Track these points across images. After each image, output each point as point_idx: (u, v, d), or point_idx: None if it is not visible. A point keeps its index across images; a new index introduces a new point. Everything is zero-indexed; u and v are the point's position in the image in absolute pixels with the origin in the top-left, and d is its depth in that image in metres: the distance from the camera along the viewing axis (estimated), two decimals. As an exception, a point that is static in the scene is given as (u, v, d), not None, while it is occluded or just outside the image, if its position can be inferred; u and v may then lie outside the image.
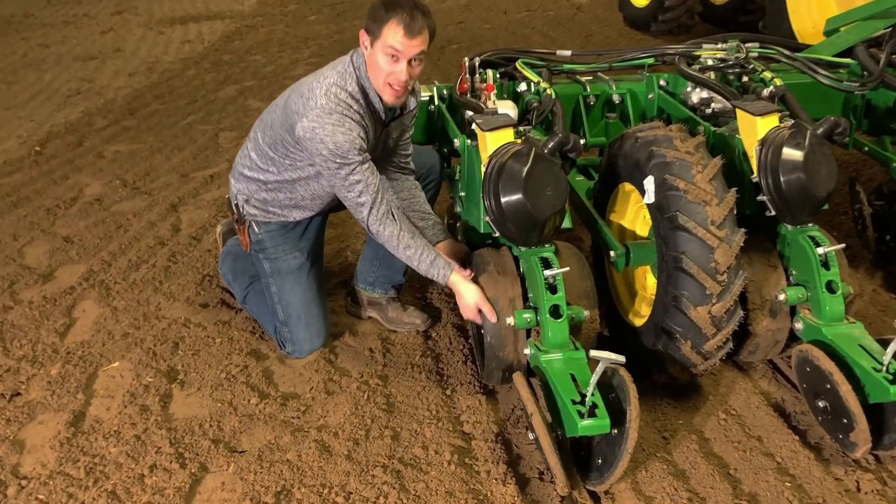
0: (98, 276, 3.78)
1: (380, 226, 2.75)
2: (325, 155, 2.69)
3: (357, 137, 2.68)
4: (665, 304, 2.66)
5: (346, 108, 2.70)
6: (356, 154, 2.68)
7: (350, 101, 2.71)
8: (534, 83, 3.23)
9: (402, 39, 2.61)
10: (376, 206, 2.73)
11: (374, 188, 2.73)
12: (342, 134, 2.66)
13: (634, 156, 2.78)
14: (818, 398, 2.59)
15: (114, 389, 2.95)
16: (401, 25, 2.59)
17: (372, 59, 2.70)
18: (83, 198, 4.75)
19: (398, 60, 2.65)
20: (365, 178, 2.71)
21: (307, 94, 2.73)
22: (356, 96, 2.74)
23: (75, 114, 6.50)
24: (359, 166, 2.69)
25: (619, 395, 2.38)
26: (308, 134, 2.68)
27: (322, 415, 2.79)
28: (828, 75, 3.35)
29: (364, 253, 3.36)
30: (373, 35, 2.66)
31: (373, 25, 2.65)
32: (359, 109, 2.73)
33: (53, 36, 9.97)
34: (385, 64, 2.66)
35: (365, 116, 2.76)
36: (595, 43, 8.44)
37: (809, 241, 2.71)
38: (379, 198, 2.74)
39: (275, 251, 3.04)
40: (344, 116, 2.68)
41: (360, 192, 2.72)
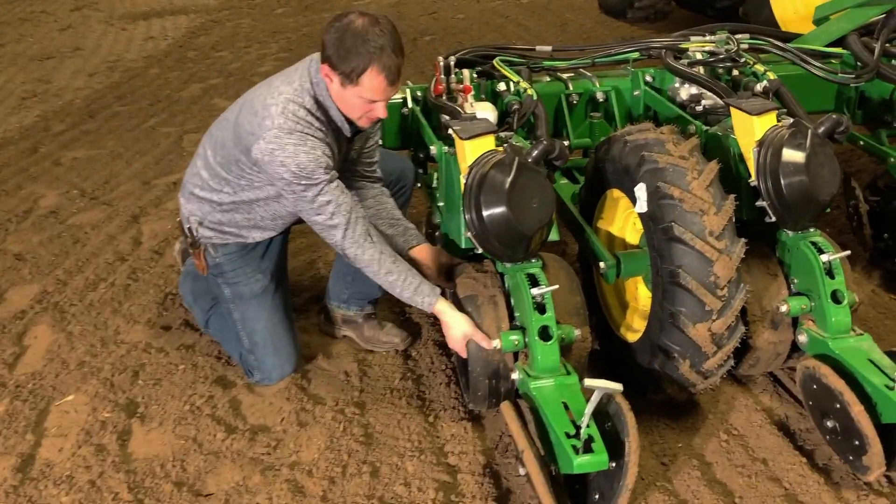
0: (52, 297, 3.53)
1: (357, 249, 2.53)
2: (287, 178, 2.45)
3: (322, 155, 2.45)
4: (661, 320, 2.48)
5: (306, 126, 2.46)
6: (322, 173, 2.45)
7: (310, 117, 2.48)
8: (513, 83, 3.02)
9: (384, 89, 2.40)
10: (351, 228, 2.51)
11: (346, 208, 2.50)
12: (305, 154, 2.43)
13: (624, 161, 2.59)
14: (826, 417, 2.42)
15: (67, 427, 2.71)
16: (382, 74, 2.37)
17: (342, 96, 2.47)
18: (38, 210, 4.47)
19: (377, 103, 2.45)
20: (335, 197, 2.48)
21: (261, 113, 2.48)
22: (316, 113, 2.50)
23: (30, 118, 6.18)
24: (327, 185, 2.46)
25: (616, 425, 2.19)
26: (267, 157, 2.44)
27: (294, 450, 2.58)
28: (821, 67, 3.18)
29: (335, 269, 3.13)
30: (346, 79, 2.40)
31: (344, 67, 2.37)
32: (320, 126, 2.50)
33: (9, 34, 9.56)
34: (361, 105, 2.46)
35: (328, 133, 2.53)
36: (571, 31, 8.24)
37: (812, 247, 2.54)
38: (353, 218, 2.51)
39: (234, 275, 2.81)
40: (305, 135, 2.45)
41: (331, 214, 2.49)
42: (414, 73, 6.83)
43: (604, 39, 7.80)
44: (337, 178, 2.52)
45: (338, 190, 2.49)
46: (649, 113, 3.25)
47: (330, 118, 2.53)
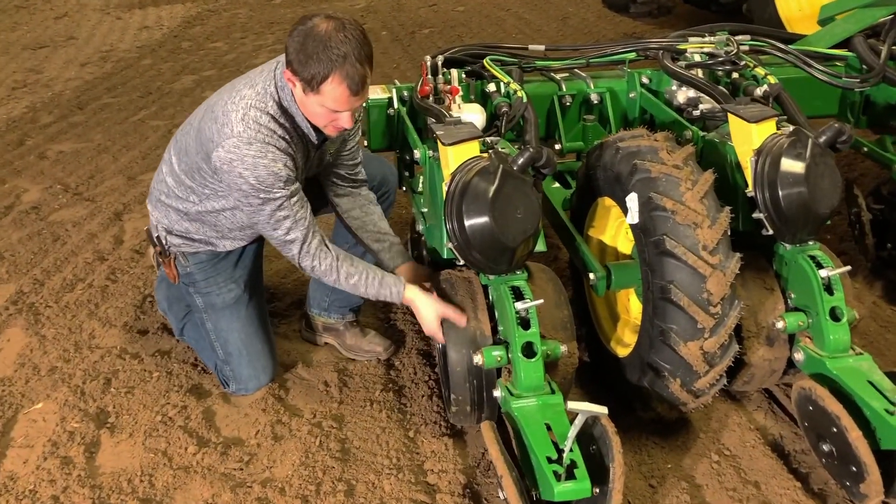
0: (28, 297, 3.43)
1: (313, 261, 2.42)
2: (245, 190, 2.33)
3: (283, 168, 2.32)
4: (651, 337, 2.37)
5: (268, 135, 2.33)
6: (281, 187, 2.33)
7: (273, 125, 2.34)
8: (503, 84, 2.90)
9: (346, 99, 2.24)
10: (307, 242, 2.40)
11: (304, 223, 2.39)
12: (264, 167, 2.30)
13: (615, 169, 2.47)
14: (823, 441, 2.31)
15: (34, 437, 2.61)
16: (344, 84, 2.20)
17: (305, 103, 2.32)
18: (19, 205, 4.37)
19: (340, 113, 2.30)
20: (293, 212, 2.37)
21: (222, 119, 2.35)
22: (279, 119, 2.36)
23: (19, 109, 6.08)
24: (286, 200, 2.35)
25: (601, 449, 2.08)
26: (225, 166, 2.32)
27: (268, 465, 2.48)
28: (824, 70, 3.05)
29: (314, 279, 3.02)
30: (307, 86, 2.24)
31: (304, 72, 2.22)
32: (283, 135, 2.36)
33: (4, 22, 9.47)
34: (324, 114, 2.31)
35: (292, 142, 2.39)
36: (572, 25, 8.11)
37: (811, 262, 2.42)
38: (311, 233, 2.41)
39: (206, 284, 2.70)
40: (266, 145, 2.31)
41: (288, 230, 2.38)
42: (411, 67, 6.70)
43: (606, 34, 7.68)
44: (298, 192, 2.40)
45: (297, 205, 2.38)
46: (645, 116, 3.13)
47: (295, 125, 2.41)
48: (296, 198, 2.38)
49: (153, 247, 2.78)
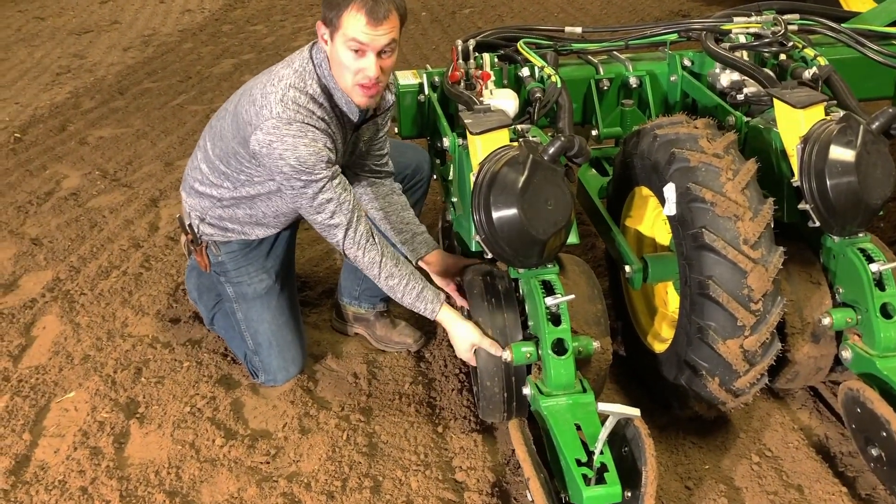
0: (64, 284, 3.45)
1: (358, 250, 2.35)
2: (286, 172, 2.28)
3: (323, 148, 2.27)
4: (689, 334, 2.27)
5: (307, 116, 2.28)
6: (324, 168, 2.27)
7: (312, 105, 2.30)
8: (537, 68, 2.80)
9: (365, 29, 2.18)
10: (353, 228, 2.33)
11: (348, 206, 2.32)
12: (305, 146, 2.25)
13: (653, 157, 2.37)
14: (871, 445, 2.20)
15: (65, 426, 2.62)
16: (362, 11, 2.16)
17: (334, 56, 2.28)
18: (59, 191, 4.41)
19: (364, 54, 2.23)
20: (337, 195, 2.31)
21: (260, 101, 2.31)
22: (318, 99, 2.32)
23: (62, 94, 6.14)
24: (328, 182, 2.29)
25: (633, 451, 2.00)
26: (265, 149, 2.27)
27: (294, 459, 2.45)
28: (879, 50, 2.87)
29: (346, 264, 2.97)
30: (331, 26, 2.24)
31: (329, 13, 2.22)
32: (323, 115, 2.32)
33: (51, 7, 9.58)
34: (350, 60, 2.24)
35: (331, 122, 2.35)
36: (617, 3, 7.90)
37: (860, 255, 2.30)
38: (355, 217, 2.34)
39: (238, 274, 2.67)
40: (306, 125, 2.27)
41: (332, 213, 2.32)
42: (450, 48, 6.58)
43: (651, 12, 7.46)
44: (339, 174, 2.34)
45: (340, 187, 2.32)
46: (687, 101, 2.99)
47: (333, 103, 2.35)
48: (338, 180, 2.31)
49: (185, 235, 2.76)
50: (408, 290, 2.38)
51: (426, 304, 2.38)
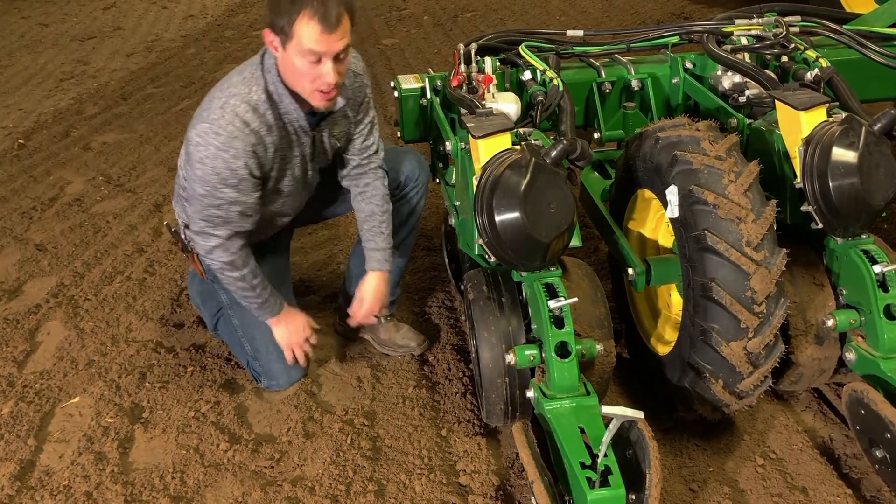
0: (68, 290, 3.46)
1: (221, 268, 2.52)
2: (199, 175, 2.35)
3: (242, 168, 2.32)
4: (692, 336, 2.27)
5: (240, 128, 2.29)
6: (227, 189, 2.35)
7: (250, 115, 2.30)
8: (539, 71, 2.80)
9: (320, 38, 2.16)
10: (223, 248, 2.46)
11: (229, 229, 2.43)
12: (223, 161, 2.30)
13: (655, 160, 2.37)
14: (876, 446, 2.19)
15: (70, 432, 2.63)
16: (315, 19, 2.14)
17: (287, 64, 2.25)
18: (63, 197, 4.42)
19: (321, 62, 2.21)
20: (225, 213, 2.39)
21: (206, 104, 2.36)
22: (259, 108, 2.32)
23: (66, 100, 6.17)
24: (226, 204, 2.38)
25: (637, 454, 2.00)
26: (192, 147, 2.33)
27: (298, 463, 2.45)
28: (881, 51, 2.87)
29: (349, 269, 2.98)
30: (282, 34, 2.20)
31: (279, 21, 2.19)
32: (259, 127, 2.32)
33: (54, 14, 9.62)
34: (306, 68, 2.22)
35: (272, 130, 2.35)
36: (618, 6, 7.91)
37: (863, 256, 2.30)
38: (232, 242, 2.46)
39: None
40: (233, 139, 2.29)
41: (215, 224, 2.42)
42: (452, 52, 6.60)
43: (652, 15, 7.47)
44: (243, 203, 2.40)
45: (235, 210, 2.40)
46: (689, 103, 3.00)
47: (279, 113, 2.36)
48: (238, 207, 2.39)
49: (176, 243, 2.78)
50: (256, 300, 2.58)
51: (269, 310, 2.62)
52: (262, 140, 2.34)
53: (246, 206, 2.41)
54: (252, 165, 2.34)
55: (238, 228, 2.45)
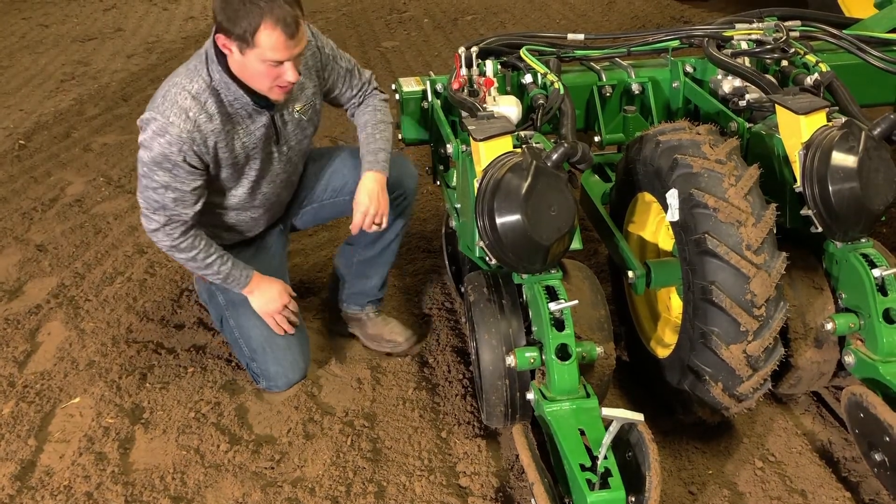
0: (69, 291, 3.47)
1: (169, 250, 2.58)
2: (139, 158, 2.42)
3: (177, 154, 2.35)
4: (692, 339, 2.28)
5: (177, 115, 2.33)
6: (167, 170, 2.39)
7: (189, 103, 2.34)
8: (540, 74, 2.81)
9: (283, 47, 2.22)
10: (162, 231, 2.51)
11: (165, 214, 2.47)
12: (159, 145, 2.35)
13: (655, 163, 2.38)
14: (874, 450, 2.20)
15: (70, 432, 2.64)
16: (277, 29, 2.19)
17: (244, 66, 2.30)
18: (63, 198, 4.43)
19: (283, 65, 2.29)
20: (161, 197, 2.43)
21: (155, 94, 2.43)
22: (200, 97, 2.36)
23: (66, 101, 6.17)
24: (161, 188, 2.42)
25: (637, 456, 2.01)
26: (140, 132, 2.42)
27: (299, 464, 2.45)
28: (880, 56, 2.89)
29: (335, 268, 3.04)
30: (241, 42, 2.23)
31: (236, 29, 2.21)
32: (197, 115, 2.35)
33: (55, 15, 9.62)
34: (266, 70, 2.29)
35: (210, 121, 2.38)
36: (618, 10, 7.92)
37: (863, 260, 2.31)
38: (173, 224, 2.49)
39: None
40: (169, 124, 2.33)
41: (153, 210, 2.48)
42: (453, 55, 6.60)
43: (652, 19, 7.48)
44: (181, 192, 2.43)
45: (170, 196, 2.43)
46: (689, 107, 3.01)
47: (225, 101, 2.39)
48: (172, 194, 2.41)
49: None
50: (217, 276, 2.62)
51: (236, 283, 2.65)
52: (201, 128, 2.37)
53: (181, 193, 2.44)
54: (187, 152, 2.37)
55: (176, 217, 2.48)
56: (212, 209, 2.61)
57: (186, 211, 2.48)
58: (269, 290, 2.69)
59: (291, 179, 2.77)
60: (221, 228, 2.70)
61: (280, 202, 2.80)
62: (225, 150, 2.45)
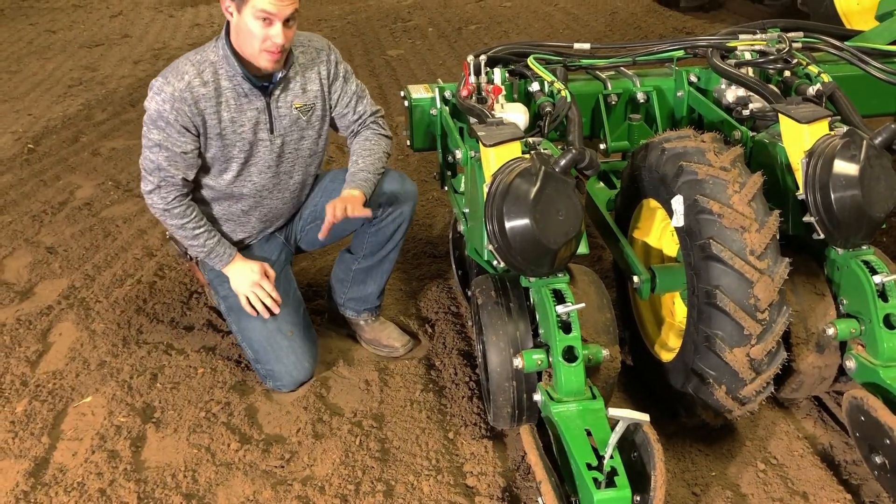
0: (79, 292, 3.51)
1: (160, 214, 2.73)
2: (144, 119, 2.63)
3: (170, 111, 2.54)
4: (696, 343, 2.32)
5: (175, 79, 2.55)
6: (161, 128, 2.56)
7: (188, 68, 2.56)
8: (547, 83, 2.87)
9: (274, 0, 2.42)
10: (157, 193, 2.67)
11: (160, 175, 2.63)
12: (155, 102, 2.56)
13: (661, 170, 2.43)
14: (875, 453, 2.24)
15: (83, 430, 2.67)
16: None
17: (241, 27, 2.51)
18: (73, 201, 4.48)
19: (272, 24, 2.47)
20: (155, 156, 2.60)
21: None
22: (199, 66, 2.57)
23: (74, 106, 6.23)
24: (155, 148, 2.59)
25: (643, 456, 2.05)
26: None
27: (308, 463, 2.49)
28: (881, 67, 2.94)
29: (334, 272, 3.11)
30: (238, 0, 2.47)
31: None
32: (192, 79, 2.55)
33: (62, 21, 9.70)
34: (257, 29, 2.47)
35: (203, 86, 2.56)
36: (620, 20, 8.00)
37: (864, 267, 2.35)
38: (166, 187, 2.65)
39: (223, 289, 2.82)
40: (167, 84, 2.55)
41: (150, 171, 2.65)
42: (457, 64, 6.68)
43: (655, 30, 7.55)
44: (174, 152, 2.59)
45: (162, 155, 2.59)
46: (693, 115, 3.06)
47: (222, 74, 2.58)
48: (164, 153, 2.58)
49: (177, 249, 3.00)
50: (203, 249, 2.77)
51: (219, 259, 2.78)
52: (193, 90, 2.55)
53: (172, 153, 2.60)
54: (179, 110, 2.54)
55: (169, 178, 2.63)
56: (203, 192, 2.75)
57: (178, 173, 2.63)
58: (245, 268, 2.79)
59: (285, 179, 2.84)
60: (215, 221, 2.83)
61: (275, 204, 2.88)
62: (214, 117, 2.61)
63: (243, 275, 2.77)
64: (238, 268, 2.78)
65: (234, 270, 2.78)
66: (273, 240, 2.98)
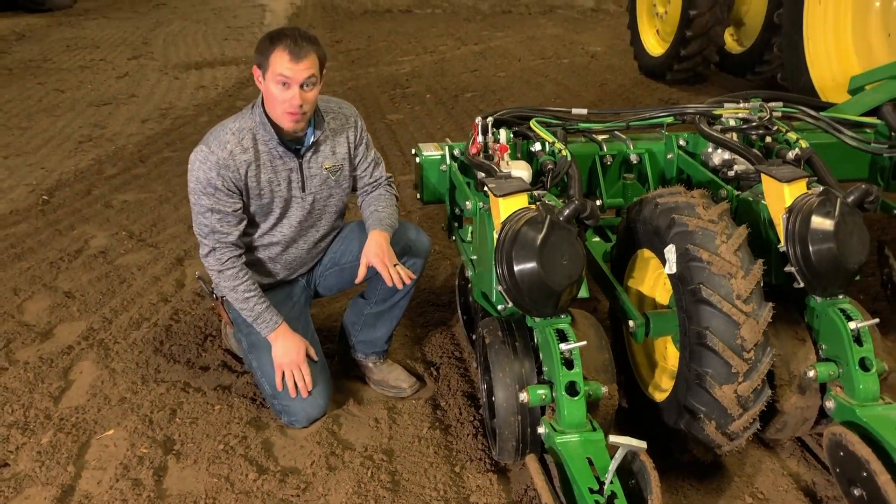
0: (98, 334, 3.67)
1: (217, 274, 2.92)
2: (189, 189, 2.86)
3: (216, 178, 2.79)
4: (688, 381, 2.51)
5: (218, 147, 2.80)
6: (210, 194, 2.80)
7: (228, 136, 2.81)
8: (548, 143, 3.12)
9: (288, 65, 2.69)
10: (212, 255, 2.88)
11: (214, 238, 2.85)
12: (202, 171, 2.80)
13: (654, 222, 2.66)
14: (853, 486, 2.41)
15: (106, 460, 2.81)
16: (286, 52, 2.69)
17: (267, 92, 2.77)
18: (88, 250, 4.66)
19: (289, 87, 2.72)
20: (208, 220, 2.84)
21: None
22: (239, 134, 2.82)
23: (86, 161, 6.45)
24: (208, 211, 2.82)
25: (640, 483, 2.22)
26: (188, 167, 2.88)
27: (323, 493, 2.63)
28: (854, 136, 3.23)
29: (346, 315, 3.30)
30: (263, 68, 2.76)
31: (261, 58, 2.75)
32: (234, 147, 2.80)
33: (69, 81, 10.01)
34: (279, 92, 2.73)
35: (244, 153, 2.81)
36: (609, 91, 8.38)
37: (840, 314, 2.56)
38: (219, 248, 2.87)
39: (247, 326, 3.00)
40: (210, 153, 2.79)
41: (205, 235, 2.88)
42: (455, 128, 7.00)
43: (642, 100, 7.92)
44: (224, 213, 2.83)
45: (215, 217, 2.83)
46: (682, 176, 3.32)
47: (259, 139, 2.84)
48: (217, 216, 2.84)
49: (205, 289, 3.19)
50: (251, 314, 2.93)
51: (265, 325, 2.94)
52: (235, 157, 2.81)
53: (223, 215, 2.84)
54: (224, 176, 2.80)
55: (222, 238, 2.87)
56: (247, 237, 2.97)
57: (230, 231, 2.87)
58: (290, 344, 2.94)
59: (311, 232, 3.08)
60: (253, 265, 3.02)
61: (299, 253, 3.09)
62: (253, 180, 2.86)
63: (287, 350, 2.92)
64: (283, 341, 2.93)
65: (280, 342, 2.93)
66: (296, 283, 3.19)
